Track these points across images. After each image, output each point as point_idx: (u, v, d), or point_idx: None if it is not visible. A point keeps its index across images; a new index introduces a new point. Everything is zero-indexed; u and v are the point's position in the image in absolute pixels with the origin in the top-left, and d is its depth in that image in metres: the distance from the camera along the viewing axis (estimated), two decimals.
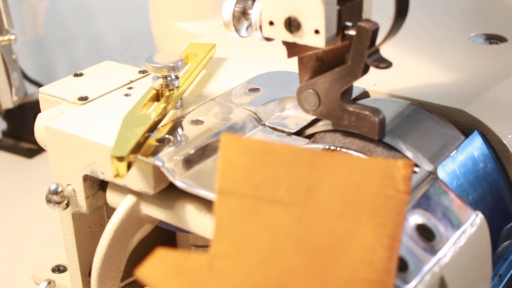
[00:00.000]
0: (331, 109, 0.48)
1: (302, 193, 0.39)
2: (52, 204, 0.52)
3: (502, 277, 0.47)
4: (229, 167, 0.40)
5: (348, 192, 0.39)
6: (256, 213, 0.39)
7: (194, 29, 0.80)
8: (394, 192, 0.38)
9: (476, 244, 0.44)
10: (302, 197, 0.39)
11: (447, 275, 0.41)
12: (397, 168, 0.39)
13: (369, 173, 0.39)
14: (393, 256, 0.37)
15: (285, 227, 0.39)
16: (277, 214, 0.39)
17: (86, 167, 0.51)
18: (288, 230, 0.38)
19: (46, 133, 0.53)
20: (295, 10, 0.44)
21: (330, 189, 0.39)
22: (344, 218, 0.38)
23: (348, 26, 0.45)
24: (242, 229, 0.39)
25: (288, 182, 0.40)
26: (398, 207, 0.38)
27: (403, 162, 0.39)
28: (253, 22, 0.48)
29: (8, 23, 1.02)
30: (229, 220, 0.39)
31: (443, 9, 0.77)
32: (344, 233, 0.38)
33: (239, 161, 0.40)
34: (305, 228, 0.38)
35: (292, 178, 0.40)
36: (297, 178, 0.40)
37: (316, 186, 0.39)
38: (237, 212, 0.39)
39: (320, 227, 0.38)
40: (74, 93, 0.58)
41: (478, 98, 0.55)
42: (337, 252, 0.37)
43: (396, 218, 0.38)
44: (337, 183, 0.39)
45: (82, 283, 0.57)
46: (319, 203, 0.39)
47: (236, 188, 0.40)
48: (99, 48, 1.24)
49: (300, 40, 0.45)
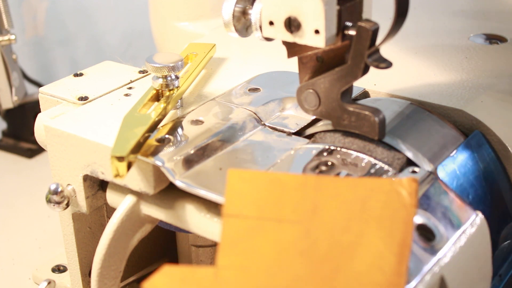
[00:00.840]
0: (331, 109, 0.48)
1: (308, 212, 0.40)
2: (52, 204, 0.52)
3: (502, 277, 0.47)
4: (234, 194, 0.41)
5: (353, 208, 0.39)
6: (261, 231, 0.40)
7: (194, 29, 0.80)
8: (401, 205, 0.39)
9: (476, 244, 0.44)
10: (308, 216, 0.40)
11: (447, 275, 0.41)
12: (402, 185, 0.39)
13: (374, 191, 0.39)
14: (403, 260, 0.37)
15: (290, 241, 0.39)
16: (283, 230, 0.39)
17: (86, 167, 0.51)
18: (293, 243, 0.39)
19: (46, 133, 0.53)
20: (295, 10, 0.44)
21: (335, 207, 0.40)
22: (350, 231, 0.39)
23: (348, 26, 0.45)
24: (248, 244, 0.39)
25: (293, 204, 0.40)
26: (406, 219, 0.38)
27: (407, 178, 0.39)
28: (253, 22, 0.48)
29: (8, 23, 1.02)
30: (235, 237, 0.39)
31: (443, 9, 0.77)
32: (351, 243, 0.38)
33: (244, 189, 0.41)
34: (310, 241, 0.39)
35: (297, 200, 0.40)
36: (302, 200, 0.40)
37: (321, 206, 0.40)
38: (242, 231, 0.40)
39: (325, 239, 0.38)
40: (74, 93, 0.58)
41: (478, 98, 0.55)
42: (343, 260, 0.38)
43: (404, 228, 0.38)
44: (342, 201, 0.40)
45: (82, 283, 0.57)
46: (324, 220, 0.39)
47: (241, 211, 0.40)
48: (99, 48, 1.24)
49: (300, 40, 0.45)
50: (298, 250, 0.38)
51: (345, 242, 0.38)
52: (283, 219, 0.40)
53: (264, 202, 0.40)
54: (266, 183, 0.41)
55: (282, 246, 0.39)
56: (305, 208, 0.40)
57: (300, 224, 0.39)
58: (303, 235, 0.39)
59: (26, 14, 1.29)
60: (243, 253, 0.39)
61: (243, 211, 0.40)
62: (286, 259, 0.38)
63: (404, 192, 0.39)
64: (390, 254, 0.37)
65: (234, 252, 0.39)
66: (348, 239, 0.38)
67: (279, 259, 0.38)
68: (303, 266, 0.38)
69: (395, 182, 0.39)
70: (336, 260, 0.38)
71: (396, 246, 0.37)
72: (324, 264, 0.38)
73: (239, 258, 0.39)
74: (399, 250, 0.37)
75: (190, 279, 0.38)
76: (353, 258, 0.37)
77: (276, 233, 0.39)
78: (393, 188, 0.39)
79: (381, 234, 0.38)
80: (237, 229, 0.40)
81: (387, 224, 0.38)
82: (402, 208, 0.39)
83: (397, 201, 0.39)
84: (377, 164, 0.46)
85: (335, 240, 0.38)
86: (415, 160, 0.47)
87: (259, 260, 0.38)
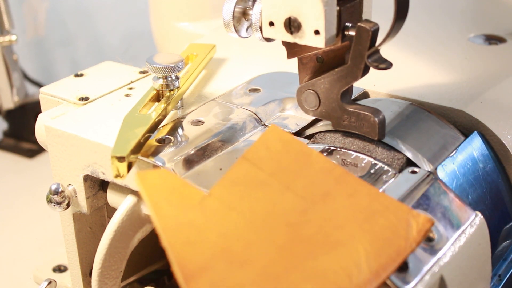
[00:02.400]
0: (331, 110, 0.48)
1: (317, 195, 0.40)
2: (52, 204, 0.52)
3: (501, 277, 0.47)
4: (262, 146, 0.41)
5: (360, 213, 0.39)
6: (265, 187, 0.40)
7: (195, 30, 0.80)
8: (404, 235, 0.38)
9: (476, 244, 0.44)
10: (315, 198, 0.40)
11: (447, 275, 0.41)
12: (417, 219, 0.39)
13: (388, 209, 0.39)
14: (375, 282, 0.36)
15: (285, 209, 0.39)
16: (284, 197, 0.39)
17: (86, 167, 0.51)
18: (287, 213, 0.39)
19: (47, 133, 0.53)
20: (295, 10, 0.44)
21: (344, 204, 0.40)
22: (343, 230, 0.38)
23: (348, 27, 0.45)
24: (246, 191, 0.39)
25: (309, 181, 0.40)
26: (402, 250, 0.38)
27: (425, 217, 0.39)
28: (253, 23, 0.48)
29: (9, 23, 1.02)
30: (239, 179, 0.40)
31: (443, 10, 0.77)
32: (337, 241, 0.38)
33: (274, 145, 0.41)
34: (303, 219, 0.39)
35: (314, 180, 0.40)
36: (319, 182, 0.40)
37: (332, 196, 0.40)
38: (249, 177, 0.40)
39: (316, 225, 0.38)
40: (75, 94, 0.58)
41: (478, 98, 0.55)
42: (321, 250, 0.37)
43: (394, 257, 0.37)
44: (353, 202, 0.40)
45: (83, 283, 0.57)
46: (327, 209, 0.39)
47: (258, 162, 0.40)
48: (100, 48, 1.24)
49: (300, 40, 0.45)
50: (287, 220, 0.38)
51: (333, 236, 0.38)
52: (292, 189, 0.40)
53: (284, 166, 0.41)
54: (297, 152, 0.41)
55: (275, 209, 0.39)
56: (317, 190, 0.40)
57: (303, 200, 0.39)
58: (299, 210, 0.39)
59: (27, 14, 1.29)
60: (237, 195, 0.39)
61: (260, 163, 0.40)
62: (271, 222, 0.38)
63: (415, 226, 0.38)
64: (366, 270, 0.37)
65: (230, 190, 0.39)
66: (337, 236, 0.38)
67: (265, 219, 0.38)
68: (283, 236, 0.38)
69: (412, 213, 0.39)
70: (315, 247, 0.38)
71: (377, 266, 0.37)
72: (302, 244, 0.38)
73: (231, 198, 0.39)
74: (377, 271, 0.37)
75: (179, 190, 0.39)
76: (331, 253, 0.37)
77: (277, 196, 0.39)
78: (407, 216, 0.39)
79: (370, 248, 0.37)
80: (245, 173, 0.40)
81: (381, 244, 0.38)
82: (404, 239, 0.38)
83: (404, 230, 0.38)
84: (377, 164, 0.46)
85: (325, 230, 0.38)
86: (415, 160, 0.47)
87: (248, 209, 0.39)
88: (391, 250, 0.37)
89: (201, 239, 0.37)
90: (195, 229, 0.37)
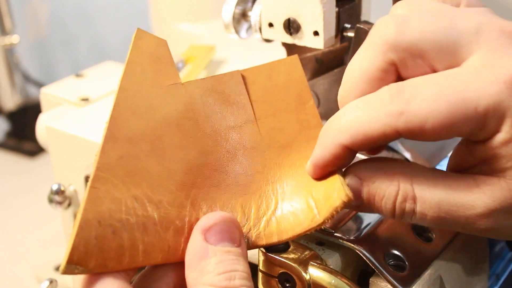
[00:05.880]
0: (331, 111, 0.48)
1: (280, 141, 0.40)
2: (54, 204, 0.52)
3: (499, 277, 0.48)
4: (265, 71, 0.41)
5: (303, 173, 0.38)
6: (239, 109, 0.39)
7: (195, 31, 0.80)
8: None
9: (474, 244, 0.44)
10: (275, 144, 0.39)
11: (445, 275, 0.41)
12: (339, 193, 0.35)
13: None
14: (262, 240, 0.36)
15: (241, 136, 0.39)
16: (247, 126, 0.39)
17: (87, 168, 0.51)
18: (237, 140, 0.39)
19: (48, 134, 0.53)
20: (295, 12, 0.44)
21: (299, 151, 0.39)
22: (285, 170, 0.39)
23: (347, 28, 0.46)
24: (217, 102, 0.39)
25: (282, 124, 0.40)
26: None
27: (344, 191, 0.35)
28: (252, 24, 0.48)
29: (10, 24, 1.02)
30: (218, 86, 0.39)
31: None
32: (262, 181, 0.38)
33: (277, 77, 0.41)
34: (248, 150, 0.39)
35: (286, 127, 0.40)
36: (289, 130, 0.40)
37: (291, 147, 0.40)
38: (228, 91, 0.40)
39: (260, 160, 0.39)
40: (76, 94, 0.58)
41: None
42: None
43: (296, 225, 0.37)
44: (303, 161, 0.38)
45: None
46: (279, 153, 0.39)
47: (249, 83, 0.40)
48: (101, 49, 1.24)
49: (299, 41, 0.45)
50: (231, 145, 0.38)
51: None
52: (260, 122, 0.39)
53: (271, 99, 0.40)
54: (294, 93, 0.41)
55: (227, 130, 0.38)
56: (283, 138, 0.40)
57: (262, 139, 0.39)
58: (252, 143, 0.39)
59: (29, 15, 1.30)
60: (204, 100, 0.39)
61: (250, 85, 0.40)
62: (218, 140, 0.38)
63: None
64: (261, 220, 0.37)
65: (202, 92, 0.39)
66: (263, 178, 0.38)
67: (212, 134, 0.38)
68: (218, 153, 0.38)
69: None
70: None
71: (277, 226, 0.37)
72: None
73: (197, 98, 0.38)
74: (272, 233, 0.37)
75: (161, 65, 0.38)
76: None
77: (240, 122, 0.39)
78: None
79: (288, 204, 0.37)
80: (228, 86, 0.39)
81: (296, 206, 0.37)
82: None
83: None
84: None
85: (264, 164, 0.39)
86: (413, 160, 0.47)
87: (204, 118, 0.38)
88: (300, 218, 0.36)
89: (146, 116, 0.36)
90: (147, 105, 0.36)
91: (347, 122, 0.34)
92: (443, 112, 0.31)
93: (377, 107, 0.33)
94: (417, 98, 0.32)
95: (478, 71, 0.32)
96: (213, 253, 0.33)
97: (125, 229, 0.33)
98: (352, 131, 0.33)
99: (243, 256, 0.34)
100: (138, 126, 0.36)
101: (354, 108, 0.34)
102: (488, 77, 0.32)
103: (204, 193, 0.36)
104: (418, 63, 0.34)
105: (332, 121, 0.35)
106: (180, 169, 0.36)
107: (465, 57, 0.33)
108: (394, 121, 0.32)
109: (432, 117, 0.31)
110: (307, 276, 0.37)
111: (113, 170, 0.34)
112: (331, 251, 0.40)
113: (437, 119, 0.31)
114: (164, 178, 0.35)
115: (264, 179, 0.38)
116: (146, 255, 0.33)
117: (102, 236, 0.32)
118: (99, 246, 0.32)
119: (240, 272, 0.33)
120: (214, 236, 0.34)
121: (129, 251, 0.33)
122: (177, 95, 0.38)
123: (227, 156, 0.38)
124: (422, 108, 0.31)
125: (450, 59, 0.33)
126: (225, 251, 0.33)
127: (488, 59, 0.32)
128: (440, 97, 0.31)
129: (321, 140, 0.36)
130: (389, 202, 0.34)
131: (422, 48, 0.33)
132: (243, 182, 0.38)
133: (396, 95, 0.32)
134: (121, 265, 0.33)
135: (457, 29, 0.33)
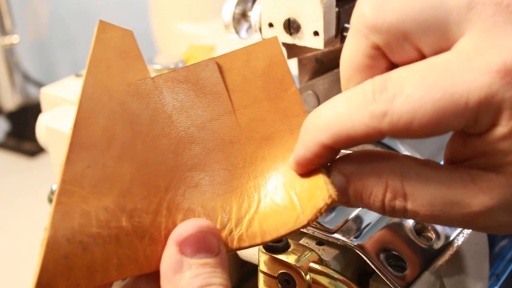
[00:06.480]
0: None
1: (260, 133, 0.37)
2: None
3: (499, 276, 0.48)
4: (243, 57, 0.37)
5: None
6: (215, 100, 0.37)
7: (195, 31, 0.80)
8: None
9: (474, 244, 0.44)
10: (255, 136, 0.37)
11: (445, 275, 0.41)
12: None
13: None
14: (245, 242, 0.34)
15: (215, 129, 0.37)
16: (225, 119, 0.37)
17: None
18: (211, 132, 0.36)
19: (48, 134, 0.53)
20: (295, 12, 0.45)
21: (281, 143, 0.37)
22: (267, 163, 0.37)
23: (347, 28, 0.46)
24: (189, 93, 0.36)
25: (263, 115, 0.37)
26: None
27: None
28: (253, 24, 0.48)
29: (10, 24, 1.03)
30: (189, 78, 0.37)
31: None
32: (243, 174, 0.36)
33: (256, 62, 0.38)
34: (226, 142, 0.37)
35: (267, 117, 0.37)
36: (269, 121, 0.37)
37: (272, 139, 0.37)
38: (202, 82, 0.37)
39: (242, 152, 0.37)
40: (76, 94, 0.58)
41: None
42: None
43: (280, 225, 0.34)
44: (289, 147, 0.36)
45: None
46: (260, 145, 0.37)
47: (226, 71, 0.37)
48: None
49: (300, 41, 0.45)
50: (201, 137, 0.36)
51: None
52: (237, 113, 0.37)
53: (250, 87, 0.37)
54: (276, 79, 0.38)
55: (199, 122, 0.36)
56: (263, 129, 0.37)
57: (241, 132, 0.37)
58: (230, 136, 0.37)
59: (29, 16, 1.30)
60: (174, 92, 0.36)
61: (227, 73, 0.37)
62: (191, 132, 0.36)
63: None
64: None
65: (172, 85, 0.36)
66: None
67: (188, 128, 0.36)
68: (185, 150, 0.36)
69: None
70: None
71: (259, 226, 0.35)
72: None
73: (167, 92, 0.36)
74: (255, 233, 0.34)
75: (128, 59, 0.36)
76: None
77: (216, 113, 0.37)
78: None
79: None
80: (201, 77, 0.37)
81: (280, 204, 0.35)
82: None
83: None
84: None
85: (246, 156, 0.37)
86: None
87: (171, 109, 0.36)
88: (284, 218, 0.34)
89: (113, 118, 0.34)
90: (114, 106, 0.34)
91: (327, 120, 0.31)
92: (430, 110, 0.28)
93: (359, 105, 0.30)
94: (401, 95, 0.29)
95: (469, 58, 0.29)
96: (188, 266, 0.31)
97: (97, 243, 0.31)
98: (333, 130, 0.31)
99: (221, 266, 0.32)
100: (105, 130, 0.33)
101: (335, 105, 0.31)
102: (479, 66, 0.28)
103: (181, 195, 0.34)
104: (405, 46, 0.31)
105: (313, 118, 0.33)
106: (153, 173, 0.34)
107: (456, 38, 0.30)
108: (377, 122, 0.29)
109: (418, 117, 0.29)
110: (307, 276, 0.37)
111: (80, 182, 0.32)
112: (331, 251, 0.40)
113: (424, 119, 0.29)
114: (136, 184, 0.33)
115: (246, 174, 0.36)
116: (121, 268, 0.32)
117: (72, 254, 0.31)
118: (69, 266, 0.30)
119: (217, 285, 0.31)
120: (190, 248, 0.32)
121: (102, 266, 0.31)
122: (147, 91, 0.35)
123: (204, 153, 0.36)
124: (407, 107, 0.29)
125: (439, 41, 0.30)
126: (200, 264, 0.31)
127: (480, 41, 0.29)
128: (426, 93, 0.28)
129: (302, 137, 0.33)
130: (377, 200, 0.32)
131: (405, 29, 0.30)
132: (223, 180, 0.36)
133: (379, 92, 0.30)
134: (94, 282, 0.31)
135: (445, 5, 0.30)
